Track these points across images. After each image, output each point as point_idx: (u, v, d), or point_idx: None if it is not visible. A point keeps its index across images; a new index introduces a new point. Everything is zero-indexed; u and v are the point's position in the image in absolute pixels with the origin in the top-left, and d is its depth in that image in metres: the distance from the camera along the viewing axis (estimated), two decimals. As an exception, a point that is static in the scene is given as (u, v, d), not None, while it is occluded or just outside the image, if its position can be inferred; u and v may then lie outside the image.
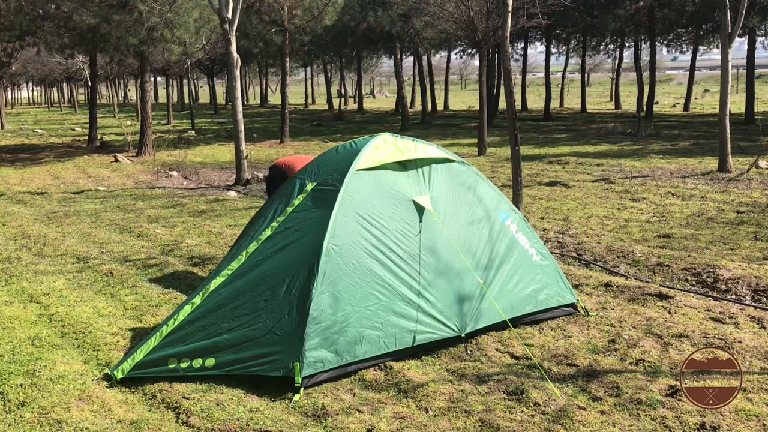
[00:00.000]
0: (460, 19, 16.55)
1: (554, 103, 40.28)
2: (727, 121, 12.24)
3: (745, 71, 25.74)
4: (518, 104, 35.21)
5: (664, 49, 38.68)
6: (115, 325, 5.21)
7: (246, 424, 3.68)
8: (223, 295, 4.42)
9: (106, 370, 4.33)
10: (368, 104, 50.80)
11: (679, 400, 3.83)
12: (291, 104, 38.52)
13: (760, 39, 26.31)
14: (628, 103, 39.16)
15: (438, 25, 20.23)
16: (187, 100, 45.55)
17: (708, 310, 5.31)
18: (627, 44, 36.23)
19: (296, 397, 3.95)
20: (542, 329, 5.00)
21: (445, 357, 4.52)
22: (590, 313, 5.27)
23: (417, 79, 39.64)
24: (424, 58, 36.21)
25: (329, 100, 47.78)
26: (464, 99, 54.81)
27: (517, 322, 4.98)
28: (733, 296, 5.71)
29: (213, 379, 4.18)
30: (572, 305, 5.31)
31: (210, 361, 4.20)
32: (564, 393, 3.98)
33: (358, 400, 3.96)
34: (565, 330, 4.96)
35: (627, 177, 12.27)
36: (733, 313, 5.22)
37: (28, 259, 7.34)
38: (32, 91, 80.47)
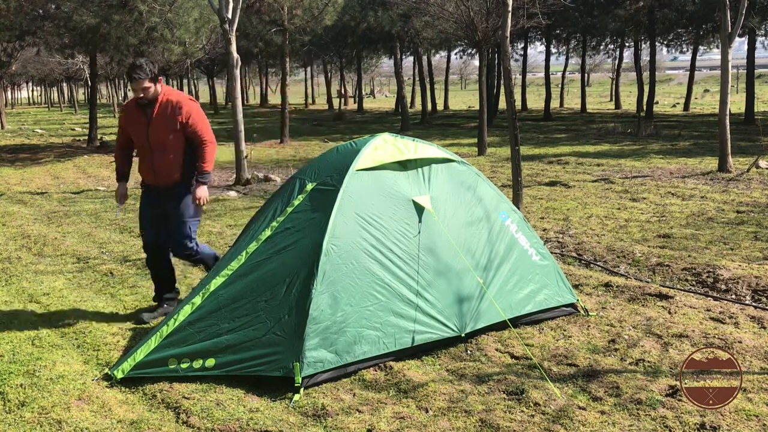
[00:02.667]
0: (460, 19, 16.56)
1: (554, 103, 40.27)
2: (727, 121, 12.25)
3: (745, 71, 25.74)
4: (518, 104, 35.19)
5: (664, 49, 38.71)
6: (115, 325, 5.21)
7: (246, 424, 3.68)
8: (223, 296, 4.41)
9: (106, 370, 4.32)
10: (368, 104, 50.81)
11: (679, 400, 3.83)
12: (291, 104, 38.50)
13: (760, 39, 26.34)
14: (628, 103, 39.18)
15: (438, 25, 20.25)
16: (187, 100, 45.45)
17: (708, 310, 5.31)
18: (627, 44, 36.24)
19: (296, 397, 3.95)
20: (542, 329, 5.00)
21: (445, 357, 4.52)
22: (590, 313, 5.27)
23: (417, 79, 39.64)
24: (424, 58, 36.22)
25: (329, 100, 47.78)
26: (464, 99, 54.82)
27: (517, 322, 4.97)
28: (733, 296, 5.71)
29: (213, 379, 4.18)
30: (572, 305, 5.30)
31: (210, 362, 4.20)
32: (564, 393, 3.98)
33: (358, 400, 3.96)
34: (565, 330, 4.96)
35: (627, 177, 12.27)
36: (733, 313, 5.21)
37: (28, 259, 7.34)
38: (32, 91, 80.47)
